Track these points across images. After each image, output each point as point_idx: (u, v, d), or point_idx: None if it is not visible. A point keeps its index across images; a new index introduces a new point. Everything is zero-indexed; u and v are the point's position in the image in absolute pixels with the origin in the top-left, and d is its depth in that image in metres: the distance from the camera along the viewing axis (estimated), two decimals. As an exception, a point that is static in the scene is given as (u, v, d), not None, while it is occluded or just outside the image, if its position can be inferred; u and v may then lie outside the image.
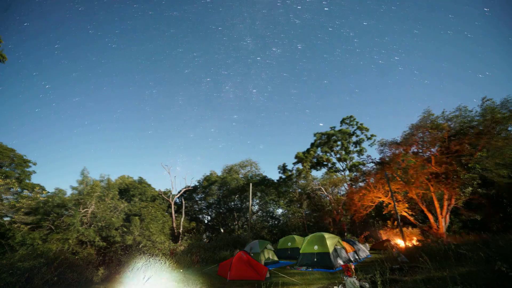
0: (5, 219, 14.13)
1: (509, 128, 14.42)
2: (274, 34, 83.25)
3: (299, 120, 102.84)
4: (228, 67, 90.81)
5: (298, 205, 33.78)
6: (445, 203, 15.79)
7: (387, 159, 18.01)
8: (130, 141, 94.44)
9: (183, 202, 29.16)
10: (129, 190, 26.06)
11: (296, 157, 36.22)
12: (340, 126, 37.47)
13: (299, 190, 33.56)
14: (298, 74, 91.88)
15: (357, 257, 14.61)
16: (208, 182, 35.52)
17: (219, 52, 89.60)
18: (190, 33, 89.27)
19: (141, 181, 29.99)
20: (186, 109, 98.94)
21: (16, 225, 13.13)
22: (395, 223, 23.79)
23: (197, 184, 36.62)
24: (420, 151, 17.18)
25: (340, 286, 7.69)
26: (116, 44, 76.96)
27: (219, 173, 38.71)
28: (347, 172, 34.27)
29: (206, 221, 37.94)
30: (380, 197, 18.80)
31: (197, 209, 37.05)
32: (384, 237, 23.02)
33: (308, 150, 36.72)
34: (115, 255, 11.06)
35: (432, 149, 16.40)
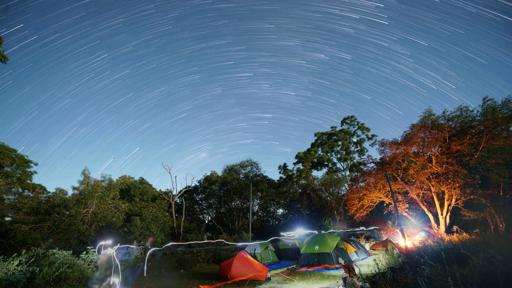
0: (6, 219, 14.18)
1: (511, 128, 14.38)
2: (324, 40, 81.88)
3: (326, 128, 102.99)
4: (271, 65, 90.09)
5: (299, 205, 33.77)
6: (446, 203, 15.75)
7: (387, 159, 17.98)
8: (139, 139, 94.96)
9: (184, 202, 29.19)
10: (130, 190, 26.09)
11: (297, 157, 36.22)
12: (341, 126, 37.47)
13: (300, 190, 33.55)
14: (340, 84, 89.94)
15: (357, 257, 14.61)
16: (208, 182, 35.54)
17: (265, 49, 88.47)
18: (241, 26, 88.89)
19: (142, 181, 30.04)
20: (222, 100, 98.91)
21: (17, 225, 13.17)
22: (396, 223, 23.73)
23: (197, 184, 36.68)
24: (421, 151, 17.15)
25: (340, 286, 7.69)
26: (171, 26, 76.19)
27: (220, 173, 38.76)
28: (347, 172, 34.25)
29: (206, 221, 37.99)
30: (380, 197, 18.76)
31: (197, 209, 37.09)
32: (385, 237, 23.00)
33: (308, 150, 36.71)
34: (116, 255, 11.12)
35: (433, 149, 16.37)
